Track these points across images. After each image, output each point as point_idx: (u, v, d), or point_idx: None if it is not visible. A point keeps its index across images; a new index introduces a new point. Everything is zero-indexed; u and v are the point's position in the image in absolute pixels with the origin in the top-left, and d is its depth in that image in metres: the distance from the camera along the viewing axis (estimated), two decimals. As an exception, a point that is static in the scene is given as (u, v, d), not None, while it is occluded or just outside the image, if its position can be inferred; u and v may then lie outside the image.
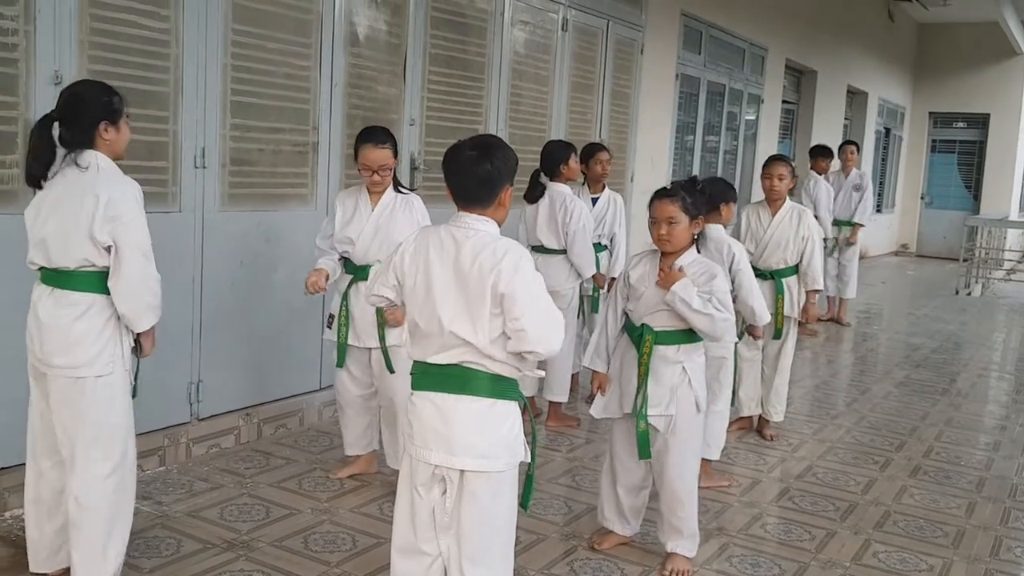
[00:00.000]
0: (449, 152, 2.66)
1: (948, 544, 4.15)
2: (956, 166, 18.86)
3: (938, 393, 7.04)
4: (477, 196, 2.62)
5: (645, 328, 3.57)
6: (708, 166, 10.31)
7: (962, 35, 17.84)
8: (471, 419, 2.58)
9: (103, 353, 3.06)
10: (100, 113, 3.04)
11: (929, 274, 15.72)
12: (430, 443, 2.59)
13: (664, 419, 3.58)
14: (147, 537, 3.70)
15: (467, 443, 2.57)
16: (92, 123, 3.03)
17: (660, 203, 3.55)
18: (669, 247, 3.55)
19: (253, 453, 4.75)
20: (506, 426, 2.62)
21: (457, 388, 2.58)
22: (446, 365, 2.59)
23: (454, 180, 2.65)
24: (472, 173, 2.61)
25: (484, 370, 2.58)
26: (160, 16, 4.22)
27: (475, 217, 2.62)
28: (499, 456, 2.60)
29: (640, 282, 3.62)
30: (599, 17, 7.64)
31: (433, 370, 2.61)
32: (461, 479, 2.60)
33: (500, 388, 2.61)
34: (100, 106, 3.05)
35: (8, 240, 3.70)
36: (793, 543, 4.06)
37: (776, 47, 11.51)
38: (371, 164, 4.03)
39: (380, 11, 5.46)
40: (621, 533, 3.86)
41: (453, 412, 2.58)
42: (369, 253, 4.11)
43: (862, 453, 5.40)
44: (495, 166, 2.61)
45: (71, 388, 3.05)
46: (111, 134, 3.07)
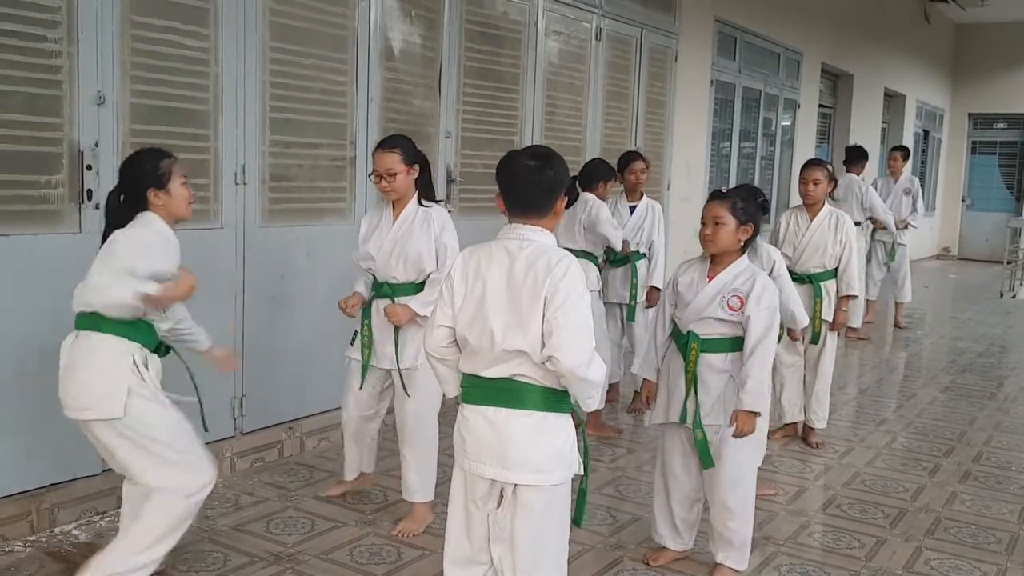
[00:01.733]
0: (504, 162, 2.64)
1: (1002, 551, 4.07)
2: (997, 167, 18.58)
3: (986, 397, 6.92)
4: (536, 205, 2.60)
5: (691, 335, 3.52)
6: (744, 172, 10.25)
7: (1000, 35, 17.60)
8: (525, 433, 2.55)
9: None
10: (146, 181, 3.20)
11: (972, 277, 15.48)
12: (484, 457, 2.58)
13: (711, 428, 3.54)
14: (195, 551, 3.73)
15: (521, 457, 2.54)
16: (142, 191, 3.20)
17: (710, 204, 3.54)
18: (712, 247, 3.51)
19: (297, 466, 4.78)
20: (560, 439, 2.59)
21: (509, 402, 2.55)
22: (498, 379, 2.56)
23: (511, 190, 2.63)
24: (532, 182, 2.58)
25: (536, 383, 2.55)
26: (200, 35, 4.28)
27: (530, 228, 2.59)
28: (553, 470, 2.57)
29: (688, 289, 3.57)
30: (633, 25, 7.63)
31: (484, 383, 2.59)
32: (515, 492, 2.59)
33: (553, 401, 2.57)
34: (143, 174, 3.20)
35: (54, 260, 3.76)
36: (842, 551, 4.00)
37: (811, 51, 11.41)
38: (379, 168, 3.93)
39: (414, 25, 5.49)
40: (675, 548, 3.80)
41: (506, 426, 2.55)
42: (389, 270, 3.98)
43: (910, 459, 5.31)
44: (556, 174, 2.60)
45: None
46: (162, 198, 3.21)
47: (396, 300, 3.97)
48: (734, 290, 3.47)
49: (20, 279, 3.70)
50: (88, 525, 3.92)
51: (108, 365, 3.07)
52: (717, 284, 3.51)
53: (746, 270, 3.53)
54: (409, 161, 3.93)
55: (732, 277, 3.50)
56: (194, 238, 4.34)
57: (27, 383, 3.74)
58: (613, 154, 7.39)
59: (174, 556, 3.58)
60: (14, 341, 3.70)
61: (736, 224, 3.48)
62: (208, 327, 4.47)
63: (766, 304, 3.45)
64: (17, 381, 3.72)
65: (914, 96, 16.02)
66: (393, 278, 3.98)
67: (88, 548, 3.70)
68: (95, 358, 3.08)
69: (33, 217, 3.75)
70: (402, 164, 3.91)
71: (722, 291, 3.49)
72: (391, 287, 3.99)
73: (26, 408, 3.75)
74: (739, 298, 3.45)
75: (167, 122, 4.18)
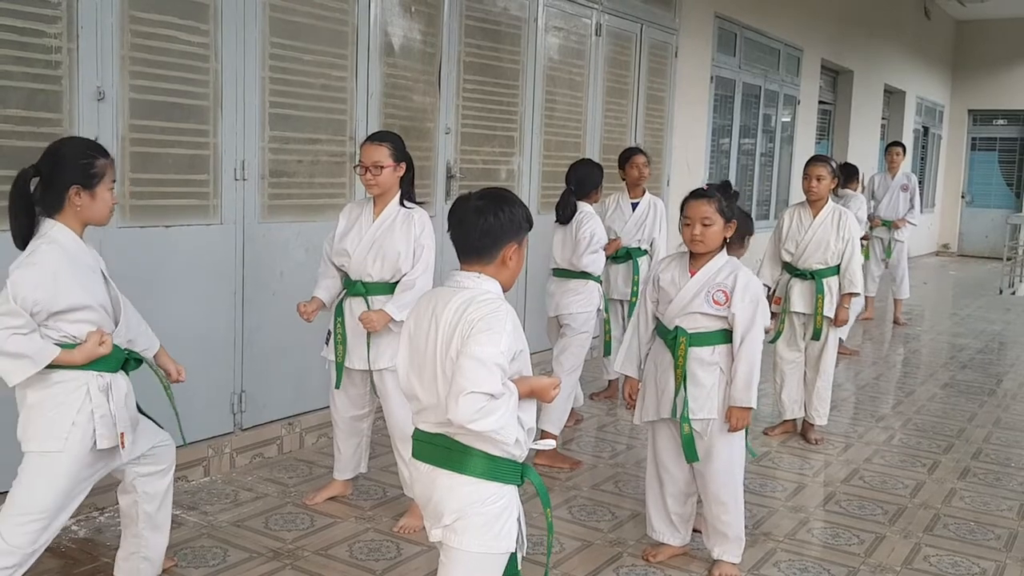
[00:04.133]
0: (455, 203, 2.48)
1: (1001, 547, 4.07)
2: (997, 164, 18.59)
3: (985, 394, 6.92)
4: (476, 249, 2.42)
5: (679, 330, 3.55)
6: (744, 169, 10.25)
7: (1000, 31, 17.58)
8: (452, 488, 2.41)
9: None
10: (72, 176, 2.83)
11: (971, 274, 15.49)
12: (426, 512, 2.51)
13: (702, 423, 3.57)
14: (194, 547, 3.73)
15: (441, 511, 2.43)
16: (64, 186, 2.82)
17: (696, 203, 3.53)
18: (702, 247, 3.53)
19: (296, 462, 4.78)
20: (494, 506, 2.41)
21: (445, 462, 2.40)
22: (435, 434, 2.42)
23: (454, 231, 2.46)
24: (473, 225, 2.41)
25: (470, 444, 2.37)
26: (199, 31, 4.27)
27: (468, 274, 2.43)
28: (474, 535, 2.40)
29: (670, 285, 3.60)
30: (632, 21, 7.62)
31: (423, 436, 2.47)
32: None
33: (491, 467, 2.38)
34: (76, 168, 2.84)
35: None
36: (841, 548, 4.00)
37: (811, 47, 11.41)
38: (366, 160, 3.87)
39: (414, 21, 5.49)
40: (672, 544, 3.82)
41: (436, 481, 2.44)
42: (364, 268, 3.92)
43: (909, 456, 5.32)
44: (499, 219, 2.41)
45: None
46: (84, 200, 2.85)
47: (369, 299, 3.91)
48: (718, 284, 3.51)
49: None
50: (87, 521, 3.91)
51: (58, 399, 2.83)
52: (700, 279, 3.54)
53: (727, 264, 3.57)
54: (397, 158, 3.89)
55: (715, 271, 3.54)
56: (193, 234, 4.35)
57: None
58: (612, 150, 7.41)
59: (174, 551, 3.59)
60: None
61: (723, 223, 3.52)
62: (208, 323, 4.49)
63: (750, 298, 3.49)
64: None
65: (914, 92, 16.01)
66: (368, 276, 3.92)
67: (87, 544, 3.71)
68: (45, 392, 2.82)
69: (32, 213, 3.74)
70: (390, 159, 3.86)
71: (706, 285, 3.52)
72: (364, 285, 3.93)
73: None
74: (724, 292, 3.50)
75: (166, 118, 4.18)
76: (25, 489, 2.83)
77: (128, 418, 2.98)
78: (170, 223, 4.26)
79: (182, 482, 4.27)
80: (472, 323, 2.31)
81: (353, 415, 4.18)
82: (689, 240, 3.55)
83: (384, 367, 3.96)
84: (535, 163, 6.62)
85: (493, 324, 2.31)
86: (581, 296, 5.08)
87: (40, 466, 2.84)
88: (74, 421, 2.83)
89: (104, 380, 2.90)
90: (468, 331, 2.31)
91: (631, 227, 5.96)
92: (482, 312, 2.32)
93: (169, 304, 4.21)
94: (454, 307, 2.36)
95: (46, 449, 2.82)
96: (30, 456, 2.85)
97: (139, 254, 4.11)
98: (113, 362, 2.93)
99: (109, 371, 2.92)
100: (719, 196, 3.53)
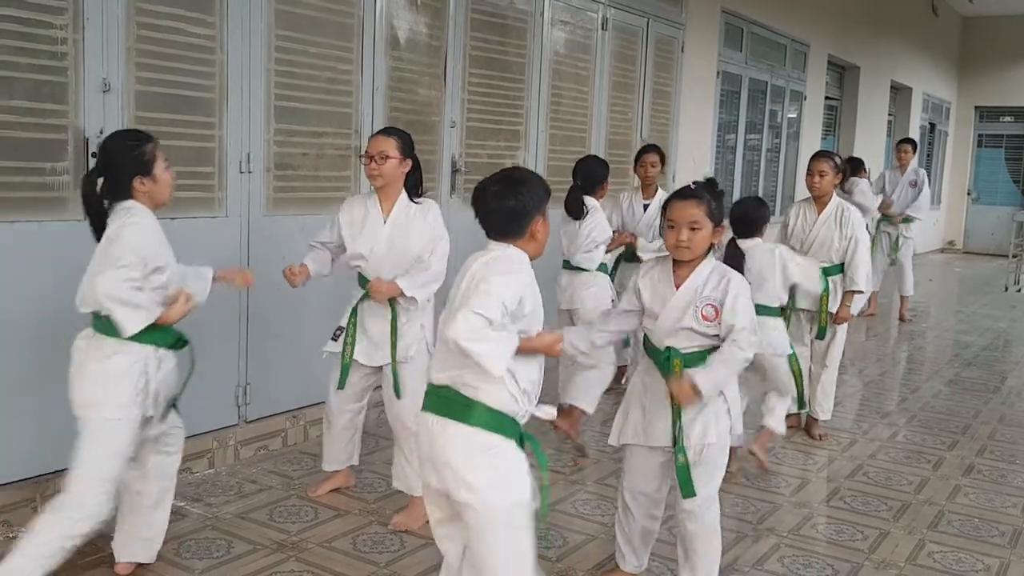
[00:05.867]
0: (476, 189, 2.67)
1: (1005, 544, 4.07)
2: (1004, 161, 18.51)
3: (990, 391, 6.91)
4: (504, 231, 2.63)
5: (672, 352, 3.16)
6: (750, 164, 10.23)
7: (1007, 28, 17.52)
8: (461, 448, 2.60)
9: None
10: (134, 167, 3.07)
11: (977, 271, 15.45)
12: (438, 472, 2.67)
13: (694, 448, 3.19)
14: (198, 539, 3.73)
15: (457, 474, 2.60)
16: (127, 178, 3.07)
17: (682, 205, 3.12)
18: (688, 255, 3.12)
19: (300, 455, 4.78)
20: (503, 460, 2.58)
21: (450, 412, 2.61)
22: (441, 386, 2.62)
23: (480, 217, 2.66)
24: (496, 211, 2.61)
25: (474, 397, 2.54)
26: (205, 23, 4.27)
27: (499, 244, 2.64)
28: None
29: (653, 299, 3.21)
30: (639, 15, 7.60)
31: (432, 389, 2.69)
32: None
33: (495, 421, 2.57)
34: (132, 161, 3.07)
35: (60, 246, 3.76)
36: (845, 543, 4.00)
37: (818, 43, 11.38)
38: (372, 150, 3.84)
39: (420, 14, 5.48)
40: (628, 571, 3.51)
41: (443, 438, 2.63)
42: (383, 270, 3.87)
43: (914, 452, 5.31)
44: (519, 201, 2.60)
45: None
46: (147, 185, 3.11)
47: (392, 301, 3.90)
48: (706, 298, 3.13)
49: (24, 266, 3.69)
50: (92, 512, 3.92)
51: (120, 370, 3.02)
52: (686, 293, 3.15)
53: (715, 271, 3.18)
54: (404, 152, 3.86)
55: (702, 282, 3.15)
56: (198, 226, 4.35)
57: (32, 370, 3.74)
58: (618, 145, 7.41)
59: (178, 544, 3.60)
60: (18, 328, 3.70)
61: (712, 227, 3.13)
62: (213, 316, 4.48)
63: (742, 310, 3.11)
64: (22, 368, 3.72)
65: (920, 89, 15.96)
66: (385, 277, 3.88)
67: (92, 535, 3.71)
68: (108, 362, 3.02)
69: (38, 204, 3.75)
70: (396, 151, 3.83)
71: (693, 300, 3.14)
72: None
73: (31, 395, 3.75)
74: (713, 307, 3.12)
75: (172, 109, 4.18)
76: (92, 456, 3.01)
77: (169, 393, 3.21)
78: (175, 215, 4.24)
79: (186, 474, 4.27)
80: (491, 267, 2.55)
81: (352, 408, 4.16)
82: (674, 246, 3.13)
83: (400, 359, 3.92)
84: (541, 157, 6.61)
85: (509, 269, 2.56)
86: (594, 289, 5.15)
87: (105, 433, 3.01)
88: (136, 391, 3.04)
89: (159, 354, 3.11)
90: (485, 273, 2.54)
91: (643, 228, 5.95)
92: (501, 264, 2.57)
93: (174, 296, 4.21)
94: (482, 261, 2.60)
95: (109, 416, 3.00)
96: (91, 423, 3.01)
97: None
98: (169, 338, 3.15)
99: (164, 346, 3.13)
100: (708, 197, 3.13)
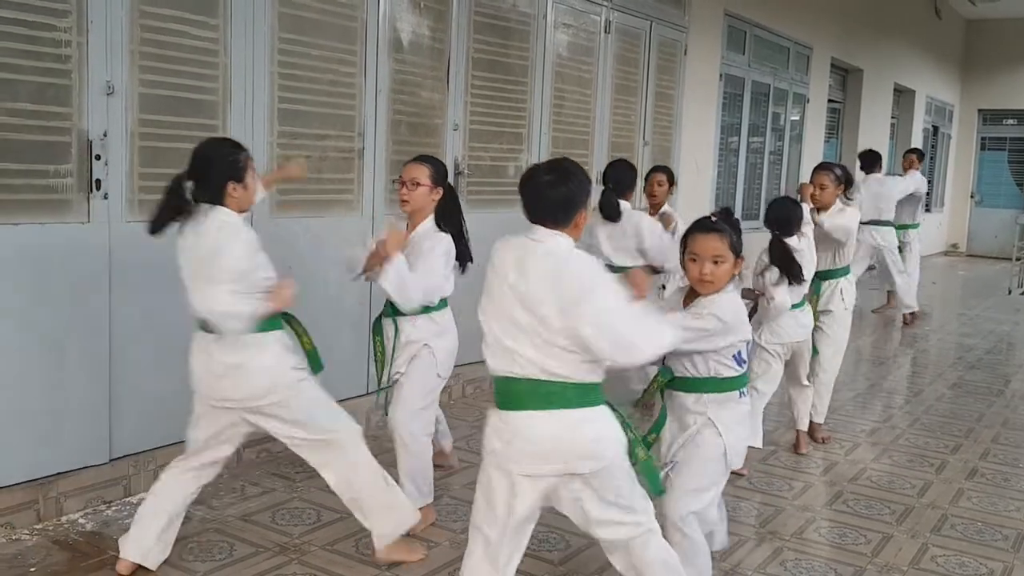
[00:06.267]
0: (525, 175, 2.72)
1: (1008, 548, 4.06)
2: (1007, 163, 18.50)
3: (993, 394, 6.90)
4: (553, 219, 2.67)
5: (662, 371, 3.17)
6: (753, 168, 10.23)
7: (1011, 30, 17.50)
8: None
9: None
10: (228, 173, 3.23)
11: (980, 274, 15.43)
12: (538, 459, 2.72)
13: (663, 451, 3.20)
14: (201, 541, 3.74)
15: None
16: (222, 183, 3.22)
17: (705, 238, 3.10)
18: (711, 288, 3.09)
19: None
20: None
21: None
22: (523, 379, 2.65)
23: (529, 203, 2.69)
24: (548, 198, 2.65)
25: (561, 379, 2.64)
26: (209, 26, 4.27)
27: (546, 231, 2.67)
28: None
29: None
30: (642, 18, 7.61)
31: (505, 386, 2.71)
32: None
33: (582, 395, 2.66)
34: (227, 167, 3.23)
35: (62, 250, 3.76)
36: (848, 547, 3.99)
37: (821, 46, 11.38)
38: (404, 176, 3.88)
39: (423, 17, 5.48)
40: None
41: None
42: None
43: (917, 455, 5.30)
44: (570, 190, 2.66)
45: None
46: (239, 192, 3.26)
47: (397, 320, 3.88)
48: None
49: (29, 268, 3.70)
50: (95, 514, 3.93)
51: (274, 356, 3.30)
52: (689, 309, 3.15)
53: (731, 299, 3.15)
54: (436, 180, 3.87)
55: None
56: (202, 229, 4.35)
57: (35, 372, 3.75)
58: (620, 148, 7.41)
59: (180, 546, 3.59)
60: (23, 330, 3.70)
61: (733, 259, 3.10)
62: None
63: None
64: (26, 370, 3.73)
65: (924, 91, 15.95)
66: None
67: (94, 537, 3.72)
68: (262, 354, 3.27)
69: (42, 206, 3.75)
70: (428, 179, 3.84)
71: (690, 311, 3.13)
72: (392, 306, 3.87)
73: (34, 397, 3.76)
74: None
75: (175, 112, 4.18)
76: (310, 418, 3.45)
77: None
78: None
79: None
80: (575, 289, 2.55)
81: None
82: (697, 279, 3.10)
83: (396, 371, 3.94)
84: (543, 160, 6.60)
85: (594, 278, 2.60)
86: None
87: (300, 396, 3.37)
88: (291, 367, 3.34)
89: (284, 337, 3.38)
90: (576, 297, 2.54)
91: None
92: (575, 277, 2.58)
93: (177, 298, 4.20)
94: (544, 266, 2.59)
95: (293, 380, 3.34)
96: (283, 399, 3.33)
97: (148, 248, 4.10)
98: (277, 323, 3.37)
99: (277, 329, 3.35)
100: (729, 230, 3.10)
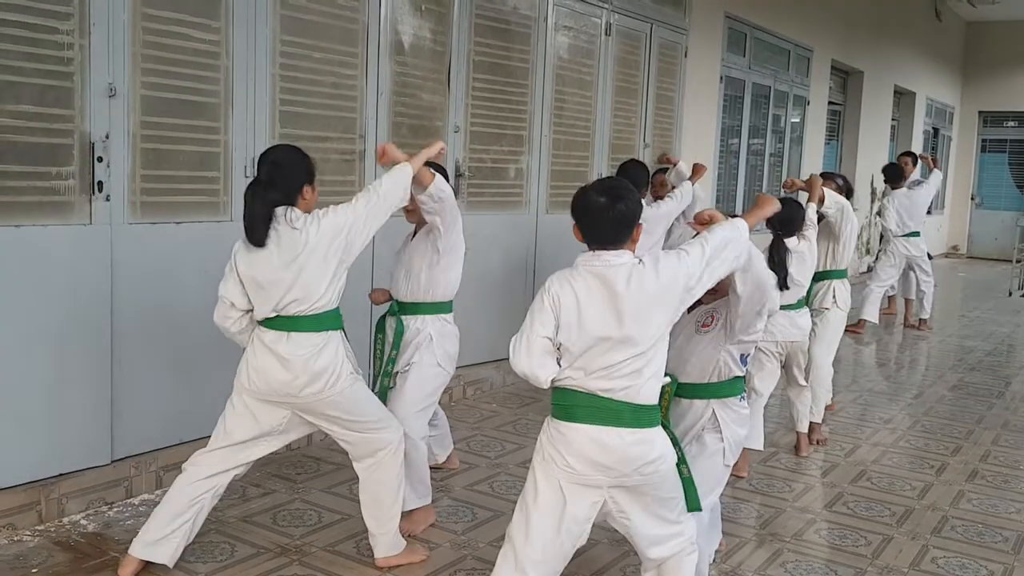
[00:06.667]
0: (578, 197, 2.75)
1: (1008, 549, 4.06)
2: (1007, 165, 18.52)
3: (994, 396, 6.91)
4: (612, 240, 2.69)
5: (671, 379, 3.02)
6: (753, 169, 10.24)
7: (1011, 32, 17.53)
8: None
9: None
10: (304, 177, 3.37)
11: (981, 276, 15.44)
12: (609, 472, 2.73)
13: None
14: (202, 542, 3.74)
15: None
16: (298, 185, 3.36)
17: None
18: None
19: (304, 459, 4.79)
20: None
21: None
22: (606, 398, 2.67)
23: (587, 226, 2.72)
24: (605, 219, 2.68)
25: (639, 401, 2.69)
26: (210, 28, 4.28)
27: (609, 253, 2.69)
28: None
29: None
30: (642, 21, 7.61)
31: (586, 400, 2.71)
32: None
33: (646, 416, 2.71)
34: (304, 171, 3.37)
35: (64, 252, 3.77)
36: (848, 549, 4.00)
37: (821, 48, 11.38)
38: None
39: (424, 19, 5.49)
40: None
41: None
42: (398, 288, 3.99)
43: (917, 457, 5.31)
44: (626, 207, 2.68)
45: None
46: (309, 195, 3.39)
47: (403, 318, 3.94)
48: (708, 310, 3.14)
49: (31, 270, 3.71)
50: (96, 515, 3.93)
51: (337, 351, 3.44)
52: (691, 318, 3.16)
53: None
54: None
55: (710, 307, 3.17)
56: (204, 231, 4.36)
57: (37, 374, 3.76)
58: (621, 150, 7.41)
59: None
60: (25, 332, 3.71)
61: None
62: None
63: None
64: (28, 372, 3.74)
65: (924, 93, 15.96)
66: (403, 296, 3.96)
67: (96, 538, 3.73)
68: (327, 348, 3.41)
69: (44, 209, 3.76)
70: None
71: (695, 315, 3.16)
72: (399, 304, 3.96)
73: (36, 398, 3.77)
74: (712, 316, 3.11)
75: (177, 114, 4.19)
76: (364, 412, 3.58)
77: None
78: (181, 219, 4.27)
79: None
80: (677, 277, 2.68)
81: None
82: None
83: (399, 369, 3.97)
84: (544, 162, 6.62)
85: (669, 261, 2.70)
86: None
87: (355, 395, 3.51)
88: (352, 366, 3.51)
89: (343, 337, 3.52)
90: (685, 283, 2.68)
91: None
92: (661, 274, 2.66)
93: (179, 300, 4.22)
94: (629, 285, 2.64)
95: (349, 378, 3.46)
96: (341, 392, 3.45)
97: (150, 250, 4.13)
98: (341, 323, 3.52)
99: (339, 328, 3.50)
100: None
